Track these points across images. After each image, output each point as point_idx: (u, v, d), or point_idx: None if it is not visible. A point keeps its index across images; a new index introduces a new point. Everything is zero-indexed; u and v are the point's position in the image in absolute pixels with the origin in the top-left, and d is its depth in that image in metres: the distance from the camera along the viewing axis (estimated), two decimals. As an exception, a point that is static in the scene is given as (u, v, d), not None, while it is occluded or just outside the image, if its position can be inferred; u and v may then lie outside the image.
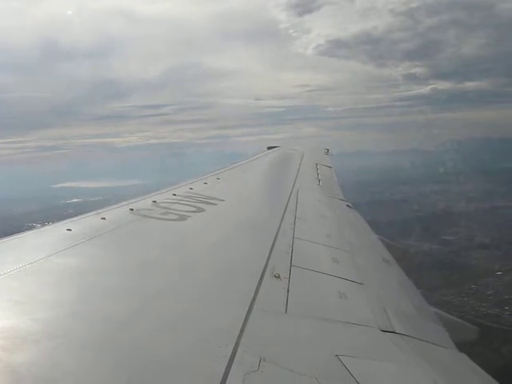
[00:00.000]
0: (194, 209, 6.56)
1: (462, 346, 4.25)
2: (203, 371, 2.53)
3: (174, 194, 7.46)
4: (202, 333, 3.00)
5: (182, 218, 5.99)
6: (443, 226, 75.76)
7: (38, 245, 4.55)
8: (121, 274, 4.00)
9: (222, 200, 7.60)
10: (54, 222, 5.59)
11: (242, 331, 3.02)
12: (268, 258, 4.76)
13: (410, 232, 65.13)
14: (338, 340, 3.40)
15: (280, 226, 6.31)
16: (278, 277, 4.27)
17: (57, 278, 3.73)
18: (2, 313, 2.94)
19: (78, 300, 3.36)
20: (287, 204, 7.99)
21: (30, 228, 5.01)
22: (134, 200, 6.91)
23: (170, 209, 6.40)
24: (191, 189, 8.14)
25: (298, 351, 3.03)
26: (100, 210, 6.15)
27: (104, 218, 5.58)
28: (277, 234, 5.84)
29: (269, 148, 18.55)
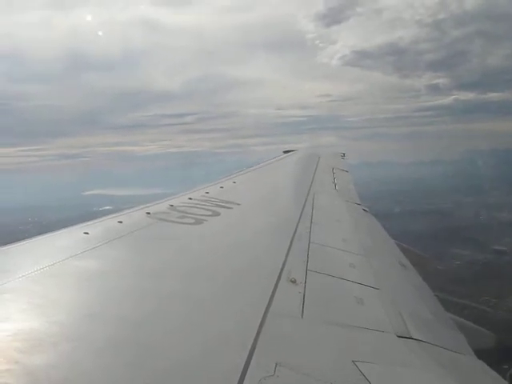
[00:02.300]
0: (210, 213, 6.58)
1: (481, 354, 4.19)
2: (219, 375, 2.52)
3: (191, 198, 7.48)
4: (218, 337, 3.00)
5: (199, 221, 6.00)
6: (488, 236, 74.20)
7: (56, 248, 4.60)
8: (138, 277, 4.02)
9: (238, 204, 7.60)
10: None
11: (257, 335, 3.02)
12: (284, 263, 4.75)
13: (456, 242, 64.28)
14: (355, 345, 3.38)
15: (296, 230, 6.29)
16: (293, 281, 4.26)
17: (75, 280, 3.77)
18: (21, 315, 2.97)
19: (96, 303, 3.39)
20: (303, 208, 7.97)
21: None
22: (150, 204, 6.94)
23: (186, 212, 6.42)
24: (207, 193, 8.16)
25: (314, 356, 3.02)
26: (117, 214, 6.20)
27: (121, 222, 5.62)
28: (293, 238, 5.82)
29: (285, 152, 18.50)
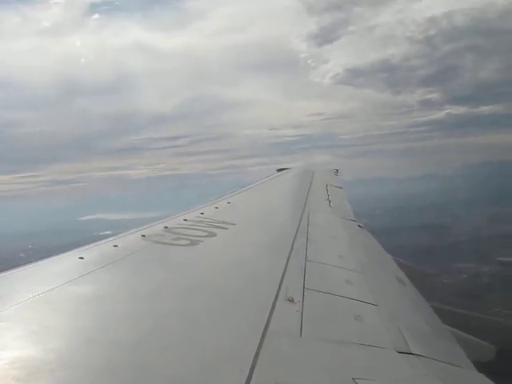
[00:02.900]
0: (206, 233, 6.57)
1: (480, 366, 4.18)
2: None
3: (185, 220, 7.47)
4: (216, 357, 2.99)
5: (194, 242, 5.99)
6: (490, 248, 73.91)
7: (51, 273, 4.57)
8: (134, 300, 4.00)
9: (233, 224, 7.59)
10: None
11: (256, 355, 3.00)
12: (281, 282, 4.74)
13: (460, 256, 64.08)
14: (355, 363, 3.37)
15: (292, 248, 6.29)
16: (291, 300, 4.25)
17: (71, 306, 3.74)
18: (17, 343, 2.94)
19: (93, 328, 3.36)
20: (299, 225, 7.97)
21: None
22: (145, 226, 6.93)
23: (181, 234, 6.40)
24: (202, 213, 8.16)
25: (314, 375, 3.00)
26: (112, 238, 6.18)
27: (116, 246, 5.60)
28: (289, 256, 5.82)
29: (278, 170, 18.57)
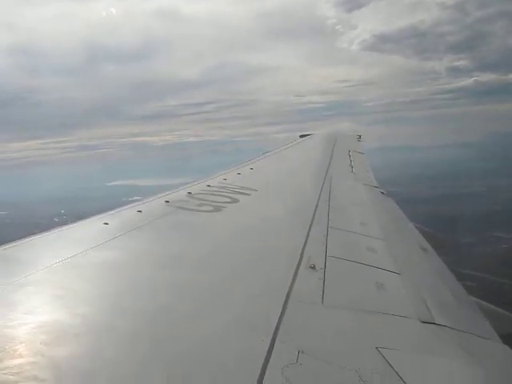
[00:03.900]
0: (229, 200, 6.58)
1: (505, 338, 4.14)
2: (241, 365, 2.53)
3: (209, 185, 7.49)
4: (239, 325, 3.01)
5: (217, 209, 6.01)
6: None
7: (76, 239, 4.62)
8: (158, 267, 4.03)
9: (256, 190, 7.59)
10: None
11: (279, 323, 3.02)
12: (303, 249, 4.73)
13: (498, 225, 62.67)
14: (377, 332, 3.36)
15: (314, 215, 6.27)
16: (313, 267, 4.24)
17: (96, 271, 3.79)
18: (44, 307, 3.00)
19: (118, 293, 3.40)
20: (321, 193, 7.94)
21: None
22: (169, 192, 6.96)
23: (204, 200, 6.42)
24: (225, 179, 8.17)
25: (336, 343, 3.01)
26: (136, 203, 6.22)
27: (140, 211, 5.64)
28: (311, 223, 5.80)
29: (301, 136, 18.43)
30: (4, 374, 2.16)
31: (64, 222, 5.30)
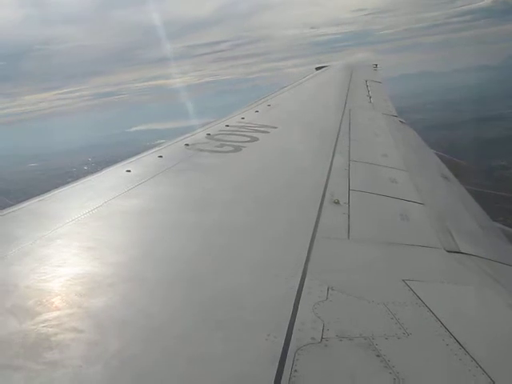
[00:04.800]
0: (248, 139, 6.55)
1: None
2: (273, 304, 2.57)
3: (227, 125, 7.45)
4: (268, 265, 3.05)
5: (237, 148, 6.00)
6: None
7: (100, 189, 4.66)
8: (183, 211, 4.08)
9: (275, 127, 7.54)
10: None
11: (307, 260, 3.05)
12: (326, 184, 4.73)
13: None
14: (404, 264, 3.38)
15: (335, 149, 6.23)
16: (337, 202, 4.25)
17: (122, 220, 3.84)
18: (75, 259, 3.06)
19: (146, 241, 3.46)
20: (340, 126, 7.86)
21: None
22: (188, 135, 6.95)
23: (224, 140, 6.41)
24: (243, 118, 8.11)
25: (364, 278, 3.03)
26: (157, 148, 6.22)
27: (161, 156, 5.65)
28: (332, 157, 5.78)
29: (317, 68, 18.12)
30: (44, 326, 2.24)
31: (93, 170, 5.34)
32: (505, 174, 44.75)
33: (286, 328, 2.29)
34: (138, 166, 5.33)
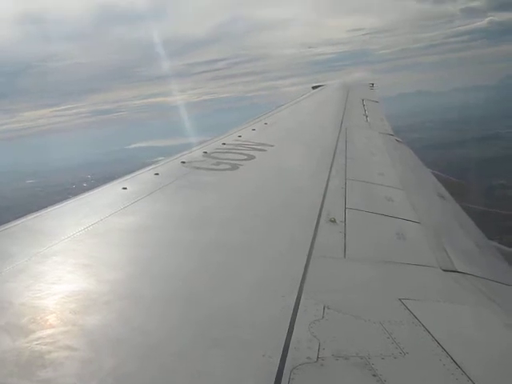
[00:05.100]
0: (245, 157, 6.56)
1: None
2: (269, 322, 2.56)
3: (224, 143, 7.46)
4: (264, 284, 3.04)
5: (234, 167, 6.01)
6: None
7: (96, 206, 4.64)
8: (178, 229, 4.07)
9: (271, 145, 7.56)
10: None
11: (303, 280, 3.04)
12: (322, 203, 4.74)
13: None
14: (400, 282, 3.38)
15: (331, 167, 6.25)
16: (333, 221, 4.25)
17: (119, 237, 3.82)
18: (71, 276, 3.03)
19: (142, 258, 3.44)
20: (336, 144, 7.89)
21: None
22: (185, 152, 6.95)
23: (221, 158, 6.41)
24: (240, 136, 8.13)
25: (360, 297, 3.03)
26: (153, 166, 6.22)
27: (157, 174, 5.65)
28: (329, 176, 5.79)
29: (314, 87, 18.24)
30: (38, 344, 2.22)
31: (93, 187, 5.33)
32: (506, 193, 44.97)
33: (282, 347, 2.28)
34: (134, 183, 5.32)
